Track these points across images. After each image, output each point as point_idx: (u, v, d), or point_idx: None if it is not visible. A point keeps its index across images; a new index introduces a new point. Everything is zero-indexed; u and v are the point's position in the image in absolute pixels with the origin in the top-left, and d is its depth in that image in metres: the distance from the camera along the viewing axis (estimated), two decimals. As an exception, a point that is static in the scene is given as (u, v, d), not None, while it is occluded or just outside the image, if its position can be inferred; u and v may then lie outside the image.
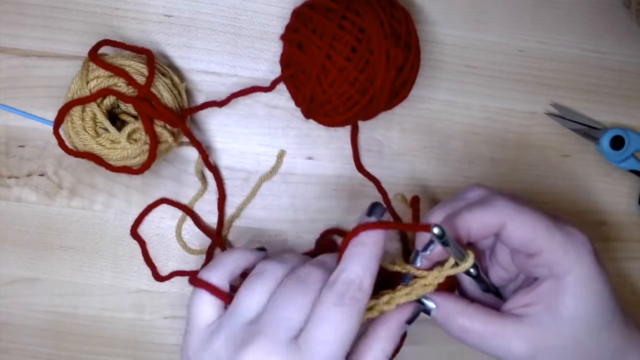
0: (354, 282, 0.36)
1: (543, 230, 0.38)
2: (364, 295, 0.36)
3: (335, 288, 0.36)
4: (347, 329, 0.35)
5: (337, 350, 0.35)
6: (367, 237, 0.37)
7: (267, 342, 0.35)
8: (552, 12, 0.52)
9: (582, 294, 0.38)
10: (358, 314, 0.36)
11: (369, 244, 0.37)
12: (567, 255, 0.38)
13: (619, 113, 0.53)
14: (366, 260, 0.37)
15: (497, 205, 0.39)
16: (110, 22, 0.51)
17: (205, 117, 0.52)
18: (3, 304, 0.52)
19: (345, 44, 0.44)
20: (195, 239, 0.52)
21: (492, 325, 0.39)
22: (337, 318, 0.35)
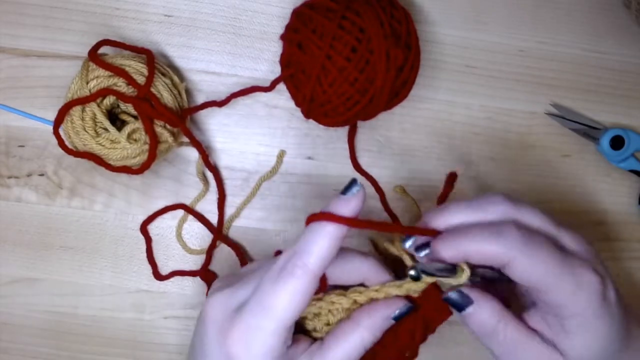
0: (295, 255, 0.35)
1: (552, 273, 0.36)
2: (307, 271, 0.35)
3: (277, 261, 0.36)
4: (279, 304, 0.35)
5: (266, 322, 0.35)
6: (320, 217, 0.36)
7: (224, 297, 0.37)
8: (552, 12, 0.52)
9: (587, 337, 0.38)
10: (297, 289, 0.35)
11: (325, 224, 0.36)
12: (574, 299, 0.37)
13: (619, 113, 0.53)
14: (314, 235, 0.36)
15: (506, 238, 0.36)
16: (110, 22, 0.51)
17: (205, 117, 0.52)
18: (3, 304, 0.52)
19: (345, 44, 0.44)
20: (195, 238, 0.52)
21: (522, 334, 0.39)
22: (269, 290, 0.35)
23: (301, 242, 0.36)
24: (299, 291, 0.35)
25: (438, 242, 0.38)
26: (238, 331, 0.36)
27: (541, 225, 0.38)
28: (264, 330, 0.35)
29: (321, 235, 0.36)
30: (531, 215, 0.38)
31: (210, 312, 0.37)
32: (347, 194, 0.37)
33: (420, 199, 0.52)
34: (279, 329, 0.35)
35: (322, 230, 0.36)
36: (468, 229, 0.38)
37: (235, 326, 0.36)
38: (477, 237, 0.37)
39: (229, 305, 0.37)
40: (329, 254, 0.36)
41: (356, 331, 0.38)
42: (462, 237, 0.37)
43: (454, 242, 0.37)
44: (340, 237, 0.36)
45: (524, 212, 0.38)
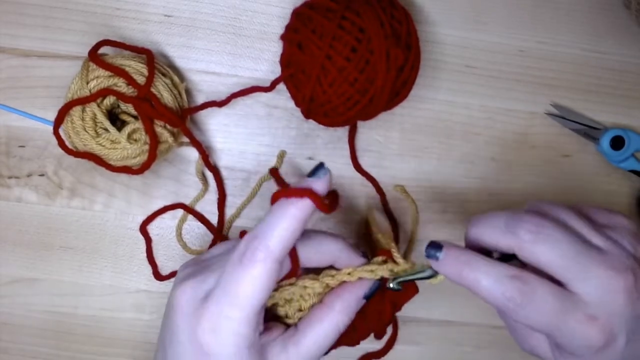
0: (255, 239, 0.35)
1: (542, 326, 0.36)
2: (268, 255, 0.35)
3: (239, 246, 0.36)
4: (242, 292, 0.34)
5: (233, 311, 0.35)
6: (288, 202, 0.35)
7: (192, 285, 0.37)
8: (552, 12, 0.52)
9: None
10: (259, 275, 0.34)
11: (286, 204, 0.35)
12: (568, 346, 0.37)
13: (619, 113, 0.53)
14: (276, 219, 0.35)
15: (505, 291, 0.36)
16: (110, 22, 0.51)
17: (205, 117, 0.52)
18: (3, 304, 0.52)
19: (345, 44, 0.44)
20: (196, 239, 0.52)
21: None
22: (231, 278, 0.35)
23: (262, 225, 0.35)
24: (262, 276, 0.35)
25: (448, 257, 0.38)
26: (207, 321, 0.35)
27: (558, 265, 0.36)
28: (231, 319, 0.35)
29: (283, 217, 0.35)
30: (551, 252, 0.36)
31: (178, 301, 0.37)
32: (314, 177, 0.36)
33: (420, 199, 0.52)
34: (247, 316, 0.35)
35: (285, 212, 0.35)
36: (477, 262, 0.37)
37: (204, 316, 0.35)
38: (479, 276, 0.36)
39: (196, 294, 0.36)
40: (291, 236, 0.35)
41: (330, 315, 0.38)
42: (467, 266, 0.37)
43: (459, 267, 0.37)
44: (302, 219, 0.35)
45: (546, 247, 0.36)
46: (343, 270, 0.39)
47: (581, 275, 0.36)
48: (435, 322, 0.53)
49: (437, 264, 0.38)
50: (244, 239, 0.36)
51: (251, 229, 0.36)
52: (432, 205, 0.53)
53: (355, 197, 0.52)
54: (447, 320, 0.53)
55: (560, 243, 0.36)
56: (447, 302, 0.53)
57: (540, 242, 0.36)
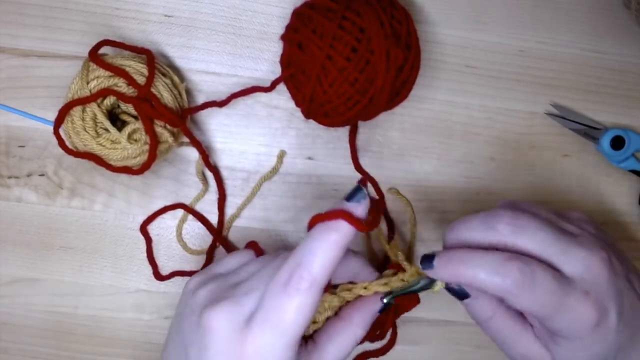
0: (299, 267, 0.35)
1: (545, 311, 0.37)
2: (312, 282, 0.34)
3: (281, 273, 0.35)
4: (288, 319, 0.34)
5: (277, 339, 0.35)
6: (330, 223, 0.35)
7: (230, 308, 0.36)
8: (552, 12, 0.52)
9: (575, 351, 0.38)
10: (303, 303, 0.34)
11: (329, 230, 0.35)
12: (567, 328, 0.37)
13: (619, 113, 0.53)
14: (318, 245, 0.35)
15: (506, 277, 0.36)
16: (110, 22, 0.51)
17: (205, 117, 0.52)
18: (3, 304, 0.52)
19: (345, 44, 0.44)
20: (196, 239, 0.52)
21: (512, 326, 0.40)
22: (276, 306, 0.35)
23: (305, 251, 0.35)
24: (307, 304, 0.35)
25: (441, 264, 0.38)
26: (252, 347, 0.35)
27: (544, 249, 0.38)
28: (276, 346, 0.35)
29: (326, 244, 0.35)
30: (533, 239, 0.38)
31: (214, 326, 0.36)
32: (352, 201, 0.36)
33: (420, 199, 0.52)
34: (290, 343, 0.35)
35: (327, 239, 0.35)
36: (472, 257, 0.37)
37: (248, 342, 0.35)
38: (478, 270, 0.37)
39: (235, 318, 0.36)
40: (334, 263, 0.35)
41: (349, 329, 0.39)
42: (463, 265, 0.37)
43: (455, 268, 0.38)
44: (344, 246, 0.35)
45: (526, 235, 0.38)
46: (359, 285, 0.40)
47: (563, 257, 0.37)
48: (435, 322, 0.53)
49: (434, 272, 0.38)
50: (287, 265, 0.35)
51: (285, 253, 0.36)
52: (432, 205, 0.53)
53: (355, 197, 0.52)
54: (447, 320, 0.53)
55: (538, 231, 0.38)
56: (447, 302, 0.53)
57: (519, 233, 0.37)
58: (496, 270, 0.36)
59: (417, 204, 0.52)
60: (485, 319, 0.41)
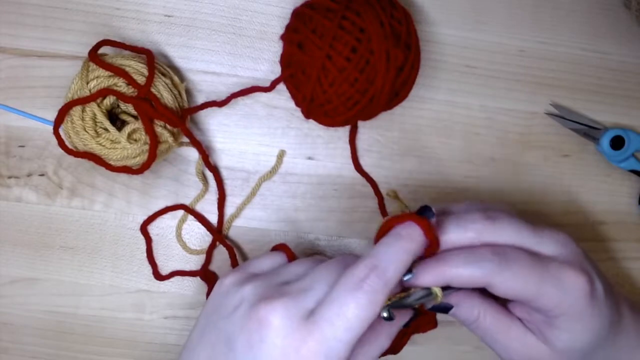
0: (376, 269, 0.35)
1: (533, 284, 0.37)
2: (385, 285, 0.35)
3: (355, 271, 0.35)
4: (357, 315, 0.34)
5: (344, 334, 0.34)
6: (403, 229, 0.37)
7: (288, 303, 0.36)
8: (552, 12, 0.52)
9: (575, 332, 0.39)
10: (373, 302, 0.35)
11: (403, 236, 0.36)
12: (560, 302, 0.38)
13: (619, 113, 0.53)
14: (396, 251, 0.36)
15: (481, 263, 0.37)
16: (110, 22, 0.51)
17: (205, 117, 0.52)
18: (3, 304, 0.52)
19: (345, 44, 0.44)
20: (195, 239, 0.52)
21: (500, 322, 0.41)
22: (349, 302, 0.34)
23: (382, 255, 0.36)
24: (378, 303, 0.35)
25: (420, 269, 0.39)
26: (314, 341, 0.34)
27: (518, 236, 0.39)
28: (341, 341, 0.34)
29: (402, 251, 0.36)
30: (507, 229, 0.39)
31: (272, 319, 0.35)
32: None
33: (420, 199, 0.52)
34: (352, 340, 0.35)
35: (403, 246, 0.36)
36: (445, 256, 0.38)
37: (312, 335, 0.34)
38: (454, 264, 0.38)
39: (294, 312, 0.35)
40: (404, 269, 0.36)
41: (378, 340, 0.39)
42: (440, 264, 0.38)
43: (434, 270, 0.38)
44: (415, 256, 0.37)
45: (499, 226, 0.39)
46: None
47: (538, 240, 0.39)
48: (435, 322, 0.53)
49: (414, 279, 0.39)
50: (363, 264, 0.35)
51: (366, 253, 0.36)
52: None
53: (356, 198, 0.52)
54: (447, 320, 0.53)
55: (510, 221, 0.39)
56: (447, 302, 0.53)
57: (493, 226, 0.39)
58: (470, 260, 0.38)
59: (416, 204, 0.52)
60: (473, 321, 0.41)
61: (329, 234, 0.53)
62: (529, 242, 0.39)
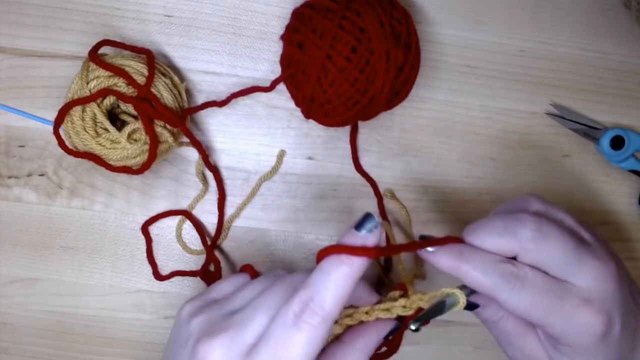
0: (312, 302, 0.33)
1: (538, 314, 0.37)
2: (323, 319, 0.33)
3: (291, 305, 0.33)
4: (297, 352, 0.33)
5: None
6: (341, 261, 0.34)
7: (226, 341, 0.34)
8: (552, 12, 0.52)
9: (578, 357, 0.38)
10: (312, 340, 0.33)
11: (342, 263, 0.34)
12: (566, 335, 0.38)
13: (619, 113, 0.53)
14: (333, 280, 0.33)
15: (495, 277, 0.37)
16: (110, 22, 0.51)
17: (205, 117, 0.52)
18: (3, 304, 0.52)
19: (345, 44, 0.44)
20: (195, 239, 0.52)
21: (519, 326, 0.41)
22: (284, 342, 0.33)
23: (318, 285, 0.33)
24: (317, 339, 0.33)
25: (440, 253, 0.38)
26: None
27: (558, 259, 0.38)
28: None
29: (340, 278, 0.33)
30: (551, 249, 0.38)
31: (210, 358, 0.34)
32: (362, 231, 0.34)
33: (420, 199, 0.52)
34: None
35: (339, 272, 0.33)
36: (469, 253, 0.38)
37: None
38: (472, 266, 0.37)
39: (233, 352, 0.34)
40: (347, 296, 0.34)
41: (353, 354, 0.38)
42: (461, 259, 0.38)
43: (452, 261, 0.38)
44: (357, 278, 0.34)
45: (545, 244, 0.38)
46: (360, 309, 0.39)
47: (577, 267, 0.37)
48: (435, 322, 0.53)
49: (432, 255, 0.38)
50: (298, 298, 0.33)
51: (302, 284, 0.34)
52: (432, 205, 0.53)
53: (356, 198, 0.52)
54: (447, 320, 0.53)
55: (559, 241, 0.38)
56: (447, 302, 0.53)
57: (541, 239, 0.37)
58: (486, 270, 0.37)
59: (417, 204, 0.52)
60: (493, 322, 0.41)
61: (329, 234, 0.53)
62: (567, 266, 0.38)
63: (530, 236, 0.38)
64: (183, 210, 0.52)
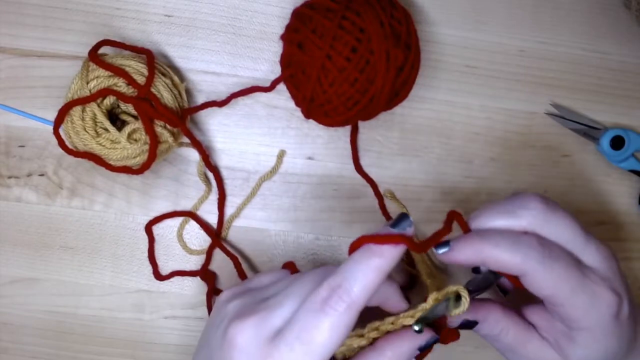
0: (340, 288, 0.34)
1: (567, 289, 0.36)
2: (348, 306, 0.33)
3: (320, 291, 0.34)
4: (318, 340, 0.33)
5: (305, 357, 0.33)
6: (374, 247, 0.34)
7: (256, 323, 0.35)
8: (552, 12, 0.52)
9: (592, 349, 0.38)
10: (337, 326, 0.33)
11: (373, 254, 0.34)
12: (586, 315, 0.37)
13: (619, 113, 0.53)
14: (363, 268, 0.34)
15: (525, 251, 0.36)
16: (110, 22, 0.51)
17: (205, 117, 0.52)
18: (3, 304, 0.52)
19: (345, 44, 0.44)
20: (196, 239, 0.52)
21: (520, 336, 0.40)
22: (310, 325, 0.33)
23: (347, 274, 0.34)
24: (342, 326, 0.33)
25: (458, 242, 0.38)
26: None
27: (569, 237, 0.38)
28: None
29: (369, 269, 0.34)
30: (561, 226, 0.38)
31: (239, 339, 0.35)
32: (397, 229, 0.35)
33: (420, 199, 0.52)
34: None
35: (370, 263, 0.34)
36: (489, 234, 0.37)
37: (272, 357, 0.34)
38: (496, 245, 0.36)
39: (261, 333, 0.35)
40: (374, 288, 0.34)
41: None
42: (482, 242, 0.37)
43: (473, 246, 0.37)
44: (387, 272, 0.34)
45: (555, 222, 0.38)
46: (386, 321, 0.38)
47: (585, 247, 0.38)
48: (435, 322, 0.53)
49: (450, 253, 0.38)
50: (327, 284, 0.34)
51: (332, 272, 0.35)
52: (432, 205, 0.53)
53: (356, 198, 0.52)
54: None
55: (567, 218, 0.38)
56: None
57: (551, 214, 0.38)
58: (515, 246, 0.36)
59: (417, 204, 0.52)
60: (494, 335, 0.41)
61: (329, 234, 0.53)
62: (577, 245, 0.38)
63: (540, 209, 0.37)
64: (188, 211, 0.52)
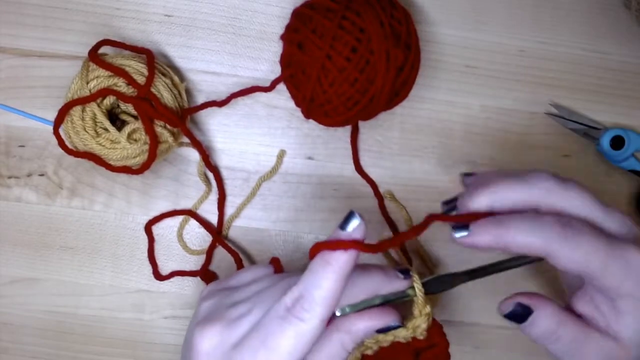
0: (302, 298, 0.34)
1: (597, 259, 0.34)
2: (313, 315, 0.34)
3: (284, 299, 0.34)
4: (287, 343, 0.33)
5: None
6: (327, 254, 0.34)
7: (220, 330, 0.36)
8: (552, 12, 0.52)
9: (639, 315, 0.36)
10: (302, 331, 0.33)
11: (327, 263, 0.34)
12: (624, 281, 0.35)
13: (619, 113, 0.53)
14: (319, 279, 0.34)
15: (546, 231, 0.34)
16: (110, 22, 0.51)
17: (205, 117, 0.52)
18: (3, 304, 0.52)
19: (345, 44, 0.44)
20: (196, 239, 0.52)
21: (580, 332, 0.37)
22: (274, 333, 0.34)
23: (308, 282, 0.34)
24: (306, 334, 0.34)
25: (478, 228, 0.36)
26: None
27: (587, 207, 0.36)
28: None
29: (325, 277, 0.34)
30: (577, 197, 0.36)
31: (203, 345, 0.35)
32: (346, 229, 0.35)
33: (420, 199, 0.52)
34: None
35: (327, 271, 0.34)
36: (509, 218, 0.35)
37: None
38: (516, 229, 0.35)
39: (226, 339, 0.35)
40: (337, 293, 0.34)
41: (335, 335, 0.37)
42: (502, 227, 0.35)
43: (493, 231, 0.35)
44: (345, 275, 0.34)
45: (570, 192, 0.36)
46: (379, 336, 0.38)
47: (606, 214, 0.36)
48: (435, 322, 0.53)
49: (470, 237, 0.36)
50: (291, 293, 0.34)
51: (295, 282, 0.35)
52: (432, 205, 0.52)
53: (356, 198, 0.52)
54: (447, 320, 0.53)
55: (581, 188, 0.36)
56: (447, 302, 0.53)
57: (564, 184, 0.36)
58: (534, 227, 0.35)
59: (417, 204, 0.52)
60: (552, 332, 0.37)
61: (329, 234, 0.52)
62: (597, 214, 0.36)
63: (553, 182, 0.36)
64: (187, 210, 0.52)
